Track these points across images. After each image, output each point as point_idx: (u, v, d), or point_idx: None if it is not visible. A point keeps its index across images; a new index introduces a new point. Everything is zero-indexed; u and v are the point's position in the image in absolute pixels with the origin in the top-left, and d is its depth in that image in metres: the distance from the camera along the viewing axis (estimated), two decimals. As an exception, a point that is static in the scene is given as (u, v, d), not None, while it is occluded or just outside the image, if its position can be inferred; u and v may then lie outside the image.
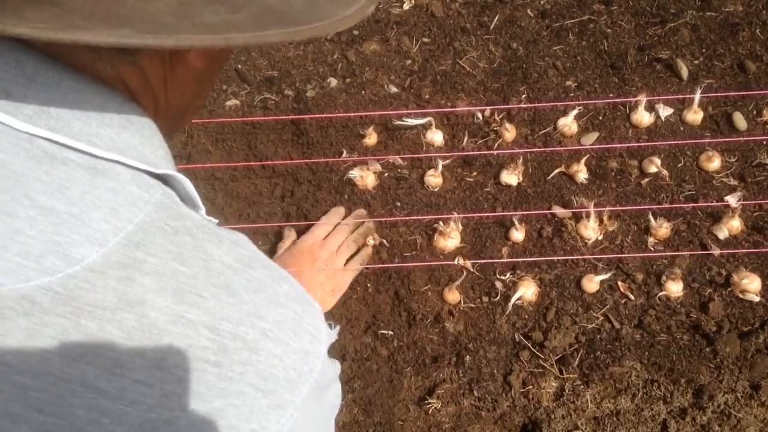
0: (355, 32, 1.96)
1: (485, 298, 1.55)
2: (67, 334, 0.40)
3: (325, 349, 0.53)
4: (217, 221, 0.54)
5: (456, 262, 1.57)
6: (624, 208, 1.62)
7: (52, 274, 0.40)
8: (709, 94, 1.76)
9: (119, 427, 0.41)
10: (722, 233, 1.58)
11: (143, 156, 0.47)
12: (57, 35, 0.40)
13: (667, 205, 1.63)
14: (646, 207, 1.62)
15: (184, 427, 0.43)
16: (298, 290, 0.53)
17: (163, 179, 0.51)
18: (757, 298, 1.50)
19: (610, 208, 1.60)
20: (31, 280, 0.40)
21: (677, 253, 1.56)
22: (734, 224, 1.58)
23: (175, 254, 0.45)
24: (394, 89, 1.85)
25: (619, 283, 1.55)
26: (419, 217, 1.64)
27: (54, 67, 0.44)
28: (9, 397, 0.39)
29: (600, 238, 1.60)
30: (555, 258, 1.57)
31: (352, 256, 1.54)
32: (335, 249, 1.45)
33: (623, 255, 1.57)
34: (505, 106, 1.78)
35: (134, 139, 0.47)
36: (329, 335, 0.55)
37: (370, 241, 1.58)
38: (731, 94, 1.76)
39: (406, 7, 2.01)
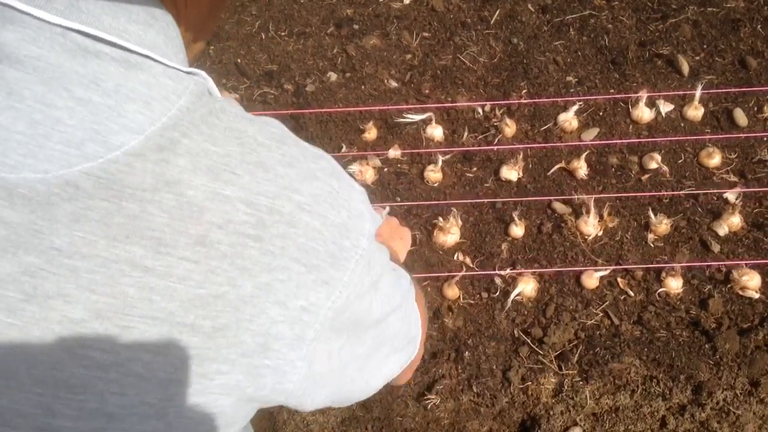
0: (355, 26, 1.95)
1: (484, 294, 1.55)
2: (111, 217, 0.41)
3: (369, 227, 0.53)
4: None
5: (456, 258, 1.57)
6: (627, 194, 1.62)
7: (94, 160, 0.41)
8: (710, 90, 1.75)
9: (170, 304, 0.42)
10: (722, 230, 1.58)
11: (167, 55, 0.48)
12: None
13: (668, 192, 1.62)
14: (648, 194, 1.61)
15: (233, 302, 0.44)
16: (335, 167, 0.53)
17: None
18: (756, 295, 1.49)
19: (613, 195, 1.60)
20: (74, 166, 0.41)
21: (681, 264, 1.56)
22: (734, 221, 1.58)
23: (207, 135, 0.46)
24: (394, 84, 1.84)
25: (619, 279, 1.54)
26: (417, 203, 1.63)
27: None
28: (61, 279, 0.40)
29: (600, 234, 1.60)
30: (555, 260, 1.56)
31: None
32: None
33: (628, 263, 1.57)
34: (505, 102, 1.78)
35: (159, 39, 0.47)
36: (373, 216, 0.55)
37: None
38: (732, 90, 1.76)
39: (406, 1, 2.00)
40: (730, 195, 1.61)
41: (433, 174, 1.67)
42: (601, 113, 1.76)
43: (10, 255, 0.40)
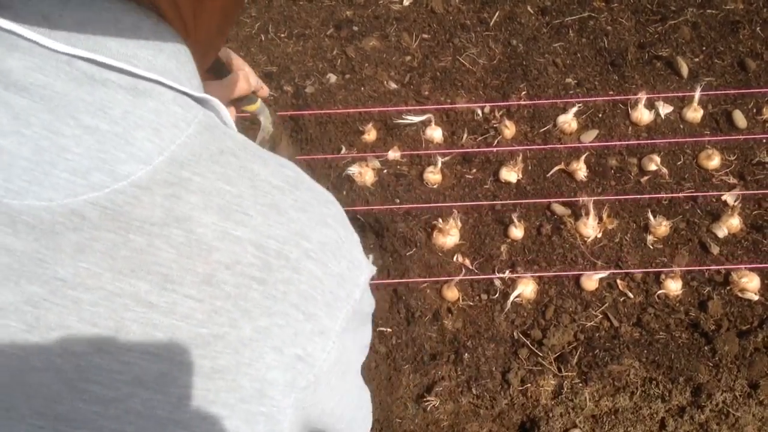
0: (355, 28, 1.95)
1: (484, 296, 1.55)
2: (117, 249, 0.40)
3: (363, 278, 0.53)
4: None
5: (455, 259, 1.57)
6: (626, 197, 1.62)
7: (100, 190, 0.41)
8: (709, 92, 1.75)
9: (171, 342, 0.41)
10: (721, 231, 1.58)
11: (179, 81, 0.47)
12: None
13: (667, 195, 1.62)
14: (647, 196, 1.61)
15: (233, 343, 0.43)
16: (343, 214, 0.53)
17: (200, 104, 0.50)
18: (755, 297, 1.50)
19: (612, 197, 1.60)
20: (79, 195, 0.40)
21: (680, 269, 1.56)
22: (733, 222, 1.58)
23: (220, 174, 0.45)
24: (393, 85, 1.84)
25: (618, 281, 1.54)
26: (418, 206, 1.63)
27: None
28: (63, 311, 0.40)
29: (599, 235, 1.60)
30: (555, 262, 1.56)
31: None
32: None
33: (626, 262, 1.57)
34: (504, 103, 1.78)
35: (170, 64, 0.47)
36: (368, 266, 0.54)
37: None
38: (731, 92, 1.76)
39: (405, 3, 2.00)
40: (729, 197, 1.61)
41: (433, 175, 1.67)
42: (600, 115, 1.76)
43: (12, 284, 0.39)
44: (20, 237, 0.39)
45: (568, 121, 1.72)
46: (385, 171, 1.71)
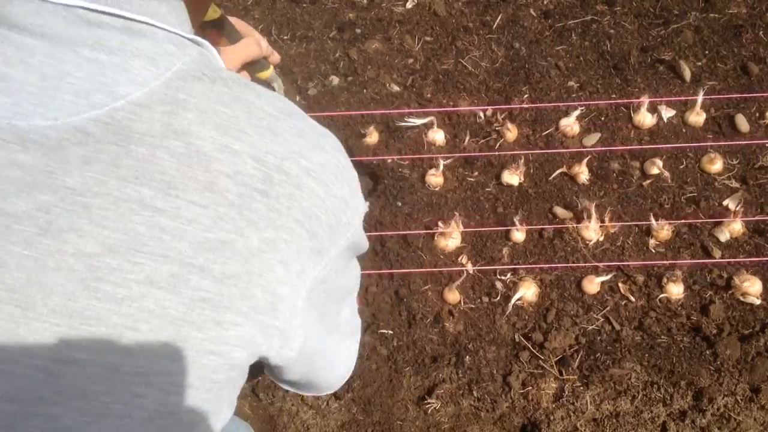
0: (358, 31, 1.95)
1: (485, 299, 1.55)
2: (121, 159, 0.43)
3: (362, 209, 0.55)
4: None
5: (458, 260, 1.57)
6: (628, 201, 1.62)
7: (100, 108, 0.43)
8: (712, 96, 1.75)
9: (180, 244, 0.43)
10: (723, 236, 1.58)
11: (171, 24, 0.49)
12: None
13: (669, 204, 1.62)
14: (648, 205, 1.61)
15: (241, 251, 0.45)
16: (341, 146, 0.55)
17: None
18: (758, 301, 1.49)
19: (611, 208, 1.60)
20: (82, 114, 0.43)
21: (678, 262, 1.56)
22: (735, 227, 1.58)
23: (215, 98, 0.47)
24: (396, 88, 1.84)
25: (620, 284, 1.54)
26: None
27: None
28: (73, 215, 0.42)
29: (601, 239, 1.59)
30: (557, 265, 1.56)
31: None
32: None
33: (628, 263, 1.57)
34: (507, 107, 1.78)
35: (162, 8, 0.49)
36: (363, 203, 0.57)
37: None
38: (734, 96, 1.76)
39: (408, 5, 2.00)
40: (731, 202, 1.61)
41: (435, 178, 1.68)
42: (602, 118, 1.76)
43: (25, 194, 0.42)
44: (30, 153, 0.42)
45: (570, 124, 1.72)
46: (387, 173, 1.71)
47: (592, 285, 1.52)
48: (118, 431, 0.43)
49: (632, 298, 1.52)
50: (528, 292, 1.52)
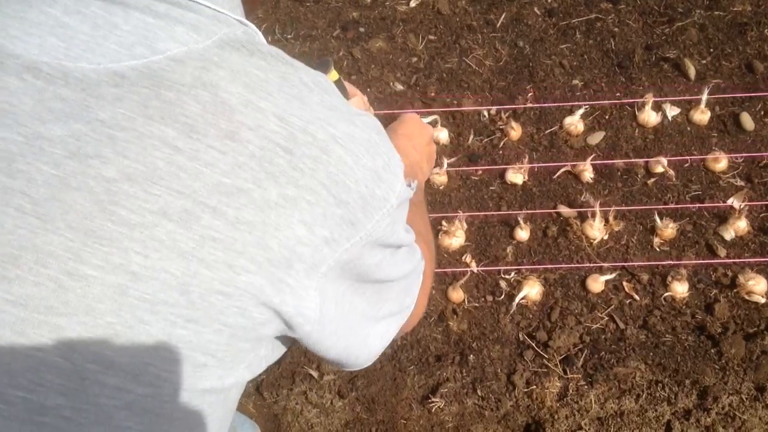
0: (361, 29, 1.95)
1: (489, 297, 1.55)
2: (150, 100, 0.46)
3: (401, 188, 0.54)
4: None
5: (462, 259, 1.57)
6: (630, 208, 1.62)
7: (140, 59, 0.48)
8: (717, 96, 1.75)
9: (195, 183, 0.46)
10: (728, 234, 1.57)
11: (221, 5, 0.53)
12: None
13: (673, 205, 1.62)
14: (653, 207, 1.61)
15: (257, 201, 0.47)
16: (377, 125, 0.55)
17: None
18: (763, 300, 1.49)
19: (616, 208, 1.59)
20: (123, 62, 0.48)
21: (683, 262, 1.56)
22: (741, 225, 1.57)
23: (251, 63, 0.50)
24: (399, 87, 1.84)
25: (624, 283, 1.54)
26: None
27: None
28: (100, 144, 0.45)
29: (605, 237, 1.59)
30: (561, 264, 1.56)
31: None
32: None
33: (633, 263, 1.57)
34: (511, 107, 1.78)
35: None
36: (405, 187, 0.56)
37: None
38: (739, 95, 1.75)
39: (412, 4, 2.00)
40: (736, 200, 1.60)
41: (438, 177, 1.68)
42: (607, 117, 1.76)
43: (62, 122, 0.46)
44: (71, 88, 0.46)
45: (574, 122, 1.72)
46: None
47: (597, 284, 1.52)
48: (121, 354, 0.45)
49: (637, 297, 1.52)
50: (532, 290, 1.52)
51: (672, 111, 1.73)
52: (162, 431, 0.49)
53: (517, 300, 1.51)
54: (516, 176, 1.66)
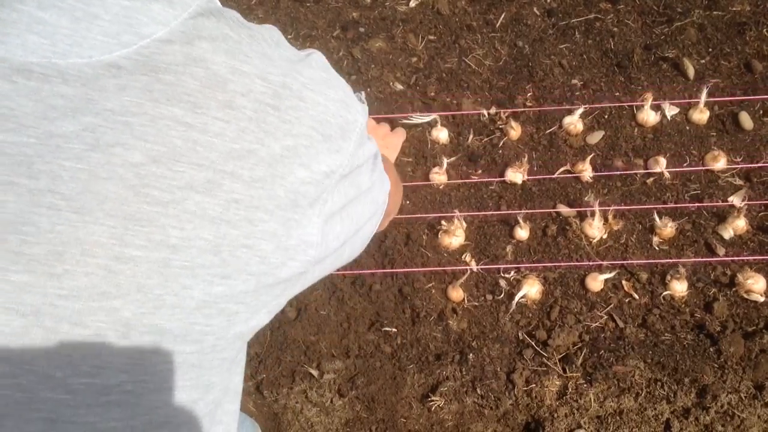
0: (361, 29, 1.96)
1: (489, 296, 1.55)
2: (152, 84, 0.49)
3: (359, 107, 0.62)
4: None
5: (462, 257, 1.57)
6: (630, 207, 1.62)
7: (129, 46, 0.49)
8: (716, 96, 1.75)
9: (212, 154, 0.50)
10: (727, 233, 1.58)
11: None
12: None
13: (672, 204, 1.62)
14: (652, 206, 1.61)
15: (265, 158, 0.52)
16: (324, 60, 0.62)
17: None
18: (761, 299, 1.49)
19: (616, 207, 1.60)
20: (114, 52, 0.49)
21: (682, 260, 1.56)
22: (739, 224, 1.58)
23: (224, 24, 0.55)
24: (399, 87, 1.85)
25: (624, 282, 1.54)
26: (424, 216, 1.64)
27: None
28: (117, 132, 0.47)
29: (605, 236, 1.60)
30: (560, 263, 1.57)
31: None
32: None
33: (631, 261, 1.57)
34: (510, 110, 1.78)
35: None
36: (363, 107, 0.65)
37: None
38: (738, 98, 1.76)
39: (412, 4, 2.01)
40: (735, 199, 1.61)
41: (438, 176, 1.68)
42: (606, 116, 1.76)
43: (69, 117, 0.46)
44: (70, 84, 0.47)
45: (573, 122, 1.72)
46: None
47: (596, 282, 1.53)
48: (171, 320, 0.49)
49: (636, 296, 1.53)
50: (531, 289, 1.52)
51: (671, 110, 1.74)
52: (208, 382, 0.54)
53: (516, 299, 1.51)
54: (515, 175, 1.67)
